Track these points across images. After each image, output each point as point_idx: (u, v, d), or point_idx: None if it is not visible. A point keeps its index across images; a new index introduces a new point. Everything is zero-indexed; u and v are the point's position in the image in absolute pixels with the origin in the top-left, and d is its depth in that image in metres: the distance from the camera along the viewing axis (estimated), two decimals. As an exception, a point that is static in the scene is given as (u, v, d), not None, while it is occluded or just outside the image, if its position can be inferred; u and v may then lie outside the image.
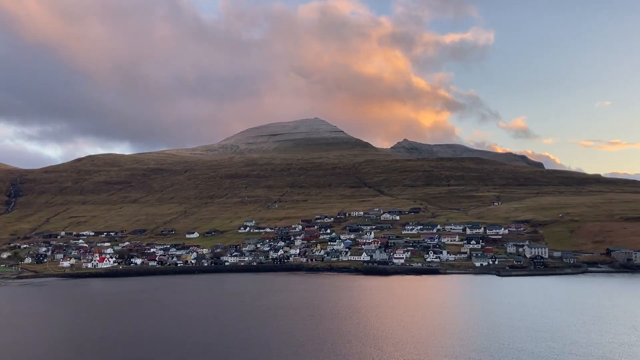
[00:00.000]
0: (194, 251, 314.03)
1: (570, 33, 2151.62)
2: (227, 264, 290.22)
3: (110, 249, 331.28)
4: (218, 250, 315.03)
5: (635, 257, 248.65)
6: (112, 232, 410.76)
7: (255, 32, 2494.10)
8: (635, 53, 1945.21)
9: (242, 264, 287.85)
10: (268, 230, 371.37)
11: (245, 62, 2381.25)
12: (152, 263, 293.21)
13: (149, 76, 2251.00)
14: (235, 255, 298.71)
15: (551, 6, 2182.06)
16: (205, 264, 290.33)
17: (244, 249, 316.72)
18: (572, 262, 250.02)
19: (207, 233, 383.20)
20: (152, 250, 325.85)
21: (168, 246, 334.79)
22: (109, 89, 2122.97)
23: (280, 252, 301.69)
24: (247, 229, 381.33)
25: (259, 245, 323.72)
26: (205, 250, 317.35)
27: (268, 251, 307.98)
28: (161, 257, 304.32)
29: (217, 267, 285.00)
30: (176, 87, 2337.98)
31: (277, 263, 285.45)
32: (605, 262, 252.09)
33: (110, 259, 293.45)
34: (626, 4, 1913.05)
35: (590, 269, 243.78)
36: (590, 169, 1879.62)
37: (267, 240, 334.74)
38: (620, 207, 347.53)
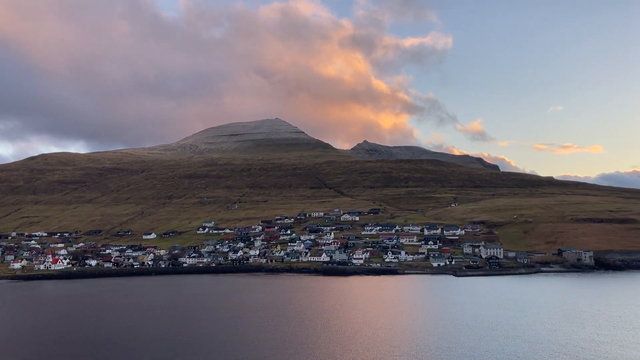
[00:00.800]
0: (151, 252, 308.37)
1: (526, 39, 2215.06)
2: (185, 265, 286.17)
3: (64, 250, 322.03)
4: (176, 251, 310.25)
5: (585, 257, 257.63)
6: (66, 232, 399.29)
7: (216, 32, 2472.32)
8: (587, 60, 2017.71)
9: (201, 265, 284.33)
10: (227, 231, 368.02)
11: (205, 62, 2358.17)
12: (107, 264, 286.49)
13: (107, 74, 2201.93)
14: (194, 257, 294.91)
15: (508, 12, 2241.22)
16: (163, 266, 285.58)
17: (202, 250, 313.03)
18: (525, 262, 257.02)
19: (164, 234, 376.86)
20: (107, 251, 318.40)
21: (124, 247, 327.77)
22: (64, 87, 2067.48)
23: (240, 253, 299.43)
24: (206, 229, 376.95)
25: (218, 247, 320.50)
26: (162, 252, 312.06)
27: (227, 252, 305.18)
28: (117, 258, 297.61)
29: (175, 268, 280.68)
30: (134, 86, 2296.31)
31: (236, 264, 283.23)
32: (557, 262, 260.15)
33: (63, 261, 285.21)
34: (578, 12, 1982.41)
35: (542, 268, 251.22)
36: (543, 172, 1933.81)
37: (227, 242, 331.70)
38: (571, 208, 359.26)
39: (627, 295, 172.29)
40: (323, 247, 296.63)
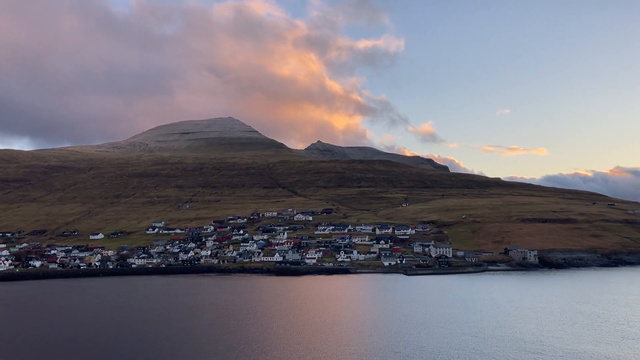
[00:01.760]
0: (98, 253, 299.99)
1: (476, 43, 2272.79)
2: (134, 266, 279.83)
3: (5, 250, 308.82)
4: (124, 252, 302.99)
5: (530, 256, 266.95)
6: (9, 232, 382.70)
7: (168, 28, 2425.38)
8: (533, 64, 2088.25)
9: (150, 266, 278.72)
10: (178, 231, 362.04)
11: (157, 59, 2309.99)
12: (52, 265, 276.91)
13: (54, 69, 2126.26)
14: (143, 257, 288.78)
15: (458, 17, 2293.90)
16: (111, 267, 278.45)
17: (152, 250, 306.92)
18: (473, 261, 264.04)
19: (112, 234, 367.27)
20: (52, 252, 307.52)
21: (70, 248, 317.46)
22: (8, 81, 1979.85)
23: (191, 253, 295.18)
24: (156, 230, 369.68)
25: (168, 247, 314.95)
26: (110, 252, 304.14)
27: (178, 253, 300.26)
28: (62, 259, 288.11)
29: (124, 269, 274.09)
30: (83, 82, 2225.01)
31: (187, 265, 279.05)
32: (503, 261, 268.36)
33: (5, 262, 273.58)
34: (527, 18, 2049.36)
35: (490, 267, 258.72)
36: (491, 173, 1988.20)
37: (177, 242, 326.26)
38: (517, 209, 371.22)
39: (567, 293, 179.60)
40: (276, 247, 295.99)
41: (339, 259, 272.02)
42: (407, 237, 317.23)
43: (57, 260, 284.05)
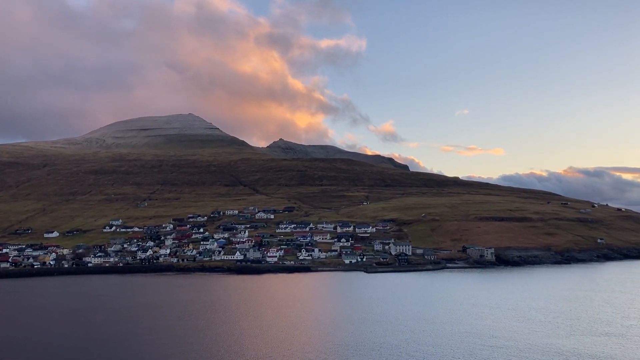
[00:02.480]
0: (53, 252, 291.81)
1: (436, 44, 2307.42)
2: (90, 265, 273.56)
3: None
4: (80, 250, 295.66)
5: (487, 253, 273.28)
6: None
7: (127, 23, 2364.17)
8: (491, 65, 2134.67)
9: (107, 265, 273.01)
10: (136, 229, 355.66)
11: (115, 53, 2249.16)
12: (4, 264, 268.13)
13: (7, 62, 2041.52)
14: (100, 256, 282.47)
15: (420, 19, 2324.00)
16: (66, 266, 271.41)
17: (109, 249, 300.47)
18: (432, 258, 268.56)
19: (68, 232, 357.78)
20: (4, 250, 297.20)
21: (23, 246, 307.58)
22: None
23: (150, 252, 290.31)
24: (113, 228, 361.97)
25: (125, 245, 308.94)
26: (66, 251, 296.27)
27: (136, 251, 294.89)
28: (15, 258, 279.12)
29: (79, 268, 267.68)
30: (38, 76, 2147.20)
31: (145, 264, 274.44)
32: (461, 259, 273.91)
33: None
34: (485, 19, 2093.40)
35: (448, 265, 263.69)
36: (449, 172, 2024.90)
37: (135, 240, 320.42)
38: (475, 207, 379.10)
39: (522, 289, 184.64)
40: (237, 246, 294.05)
41: (301, 257, 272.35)
42: (368, 235, 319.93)
43: (9, 259, 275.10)
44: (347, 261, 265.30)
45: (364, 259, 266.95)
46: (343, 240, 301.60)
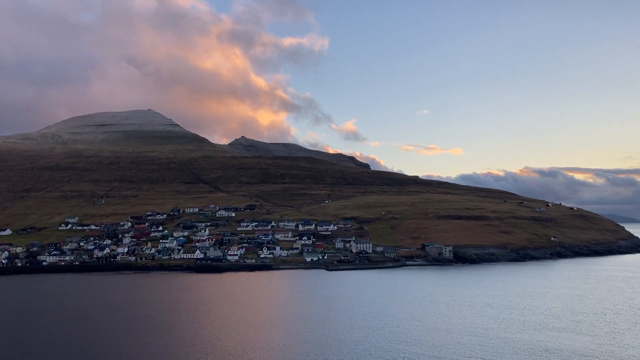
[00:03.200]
0: (5, 250, 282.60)
1: (398, 45, 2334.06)
2: (45, 263, 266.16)
3: None
4: (35, 248, 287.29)
5: (445, 251, 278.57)
6: None
7: (85, 16, 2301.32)
8: (450, 66, 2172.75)
9: (63, 263, 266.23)
10: (93, 227, 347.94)
11: (72, 47, 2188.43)
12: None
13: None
14: (55, 255, 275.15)
15: (382, 18, 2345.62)
16: (19, 264, 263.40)
17: (65, 247, 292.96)
18: (392, 256, 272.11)
19: (21, 230, 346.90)
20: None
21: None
22: None
23: (107, 250, 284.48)
24: (69, 225, 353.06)
25: (82, 244, 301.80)
26: (19, 249, 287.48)
27: (93, 250, 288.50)
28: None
29: (33, 267, 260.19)
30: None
31: (102, 262, 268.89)
32: (420, 256, 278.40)
33: None
34: (445, 20, 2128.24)
35: (408, 262, 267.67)
36: (409, 171, 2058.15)
37: (92, 238, 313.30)
38: (434, 206, 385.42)
39: (478, 286, 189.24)
40: (197, 244, 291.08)
41: (262, 256, 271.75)
42: (329, 233, 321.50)
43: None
44: (308, 259, 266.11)
45: (326, 257, 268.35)
46: (305, 238, 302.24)
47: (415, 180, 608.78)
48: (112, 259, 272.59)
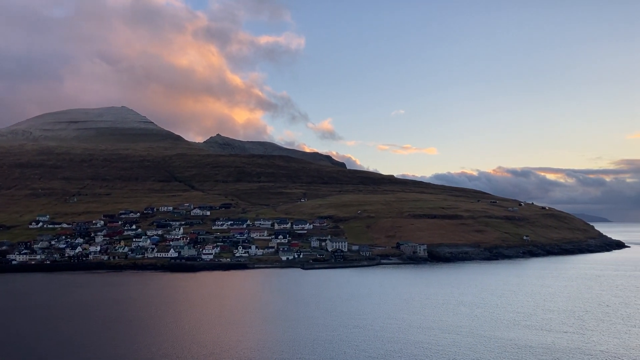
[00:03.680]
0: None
1: (375, 45, 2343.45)
2: (14, 262, 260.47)
3: None
4: (4, 247, 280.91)
5: (419, 250, 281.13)
6: None
7: (58, 11, 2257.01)
8: (428, 66, 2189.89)
9: (33, 262, 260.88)
10: (65, 225, 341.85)
11: (44, 42, 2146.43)
12: None
13: None
14: (25, 253, 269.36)
15: (358, 18, 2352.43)
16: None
17: (35, 246, 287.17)
18: (367, 255, 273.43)
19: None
20: None
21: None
22: None
23: (79, 249, 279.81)
24: (40, 224, 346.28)
25: (53, 242, 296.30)
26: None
27: (64, 248, 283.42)
28: None
29: (3, 266, 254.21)
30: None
31: (74, 261, 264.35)
32: (395, 255, 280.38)
33: None
34: (423, 20, 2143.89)
35: (383, 261, 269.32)
36: (385, 170, 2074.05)
37: (64, 237, 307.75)
38: (408, 205, 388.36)
39: (451, 284, 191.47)
40: (171, 243, 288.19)
41: (237, 255, 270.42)
42: (305, 232, 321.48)
43: None
44: (284, 258, 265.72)
45: (301, 256, 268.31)
46: (280, 237, 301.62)
47: (390, 180, 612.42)
48: (84, 258, 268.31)
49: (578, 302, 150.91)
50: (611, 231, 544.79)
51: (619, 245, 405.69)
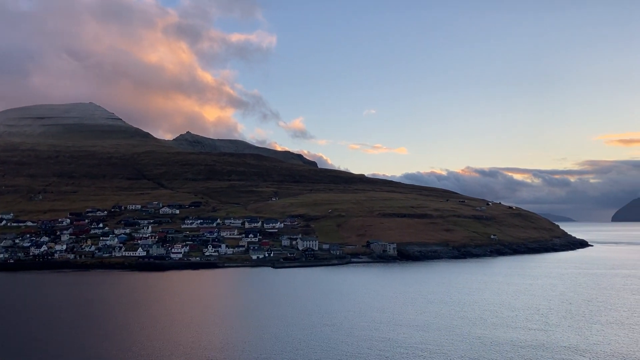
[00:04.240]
0: None
1: (347, 44, 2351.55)
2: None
3: None
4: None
5: (389, 248, 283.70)
6: None
7: (24, 4, 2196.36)
8: (398, 66, 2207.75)
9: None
10: (30, 224, 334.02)
11: (10, 37, 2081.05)
12: None
13: None
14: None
15: (330, 17, 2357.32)
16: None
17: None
18: (338, 253, 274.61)
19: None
20: None
21: None
22: None
23: (44, 248, 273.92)
24: (4, 222, 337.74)
25: (17, 241, 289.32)
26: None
27: (29, 247, 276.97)
28: None
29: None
30: None
31: (39, 260, 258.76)
32: (365, 254, 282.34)
33: None
34: (391, 19, 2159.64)
35: (353, 259, 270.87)
36: (356, 170, 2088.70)
37: (28, 235, 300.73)
38: (379, 204, 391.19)
39: (420, 282, 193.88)
40: (139, 242, 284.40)
41: (207, 253, 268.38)
42: (276, 230, 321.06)
43: None
44: (254, 257, 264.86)
45: (272, 255, 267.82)
46: (251, 235, 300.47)
47: (361, 179, 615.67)
48: (49, 257, 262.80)
49: (542, 299, 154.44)
50: (575, 230, 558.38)
51: (583, 244, 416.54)
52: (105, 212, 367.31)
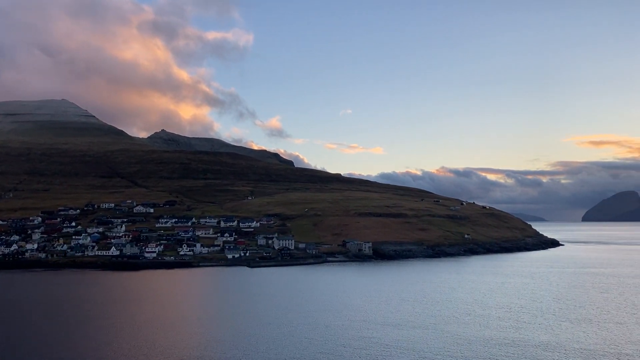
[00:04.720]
0: None
1: (323, 44, 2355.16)
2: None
3: None
4: None
5: (365, 247, 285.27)
6: None
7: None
8: (373, 66, 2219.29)
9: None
10: (0, 222, 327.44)
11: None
12: None
13: None
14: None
15: (306, 16, 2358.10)
16: None
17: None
18: (314, 252, 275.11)
19: None
20: None
21: None
22: None
23: (14, 247, 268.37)
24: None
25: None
26: None
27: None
28: None
29: None
30: None
31: (9, 259, 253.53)
32: (341, 253, 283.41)
33: None
34: (369, 20, 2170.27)
35: (329, 259, 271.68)
36: (332, 169, 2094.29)
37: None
38: (355, 203, 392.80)
39: (394, 281, 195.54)
40: (113, 241, 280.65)
41: (182, 253, 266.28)
42: (252, 229, 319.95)
43: None
44: (230, 256, 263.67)
45: (247, 254, 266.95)
46: (226, 235, 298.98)
47: (337, 178, 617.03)
48: (20, 256, 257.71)
49: (514, 298, 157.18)
50: (547, 230, 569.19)
51: (554, 243, 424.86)
52: (78, 210, 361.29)
